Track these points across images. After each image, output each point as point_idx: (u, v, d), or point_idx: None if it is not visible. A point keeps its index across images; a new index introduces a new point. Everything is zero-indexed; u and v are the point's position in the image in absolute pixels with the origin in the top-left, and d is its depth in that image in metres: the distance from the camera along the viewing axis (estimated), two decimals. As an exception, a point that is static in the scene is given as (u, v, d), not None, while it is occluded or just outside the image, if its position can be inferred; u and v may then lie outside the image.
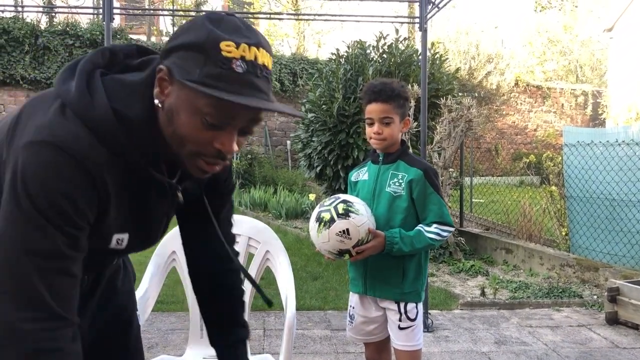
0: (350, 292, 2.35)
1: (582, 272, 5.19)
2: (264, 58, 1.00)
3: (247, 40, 0.99)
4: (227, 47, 0.97)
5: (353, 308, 2.33)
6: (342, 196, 2.19)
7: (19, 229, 0.94)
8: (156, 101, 1.03)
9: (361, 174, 2.34)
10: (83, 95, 1.02)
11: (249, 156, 11.70)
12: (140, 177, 1.09)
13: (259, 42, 1.01)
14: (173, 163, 1.12)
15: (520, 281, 5.27)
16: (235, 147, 1.04)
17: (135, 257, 1.56)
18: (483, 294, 4.84)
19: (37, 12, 12.65)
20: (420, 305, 2.24)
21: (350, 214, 2.08)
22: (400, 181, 2.18)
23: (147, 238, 1.23)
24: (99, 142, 1.00)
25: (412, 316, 2.19)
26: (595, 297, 4.76)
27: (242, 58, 0.97)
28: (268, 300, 1.44)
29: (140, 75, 1.07)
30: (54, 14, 12.83)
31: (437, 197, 2.17)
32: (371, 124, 2.20)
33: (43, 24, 12.58)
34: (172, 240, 2.16)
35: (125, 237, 1.14)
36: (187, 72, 0.98)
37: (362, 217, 2.09)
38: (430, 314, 4.12)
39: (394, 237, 2.11)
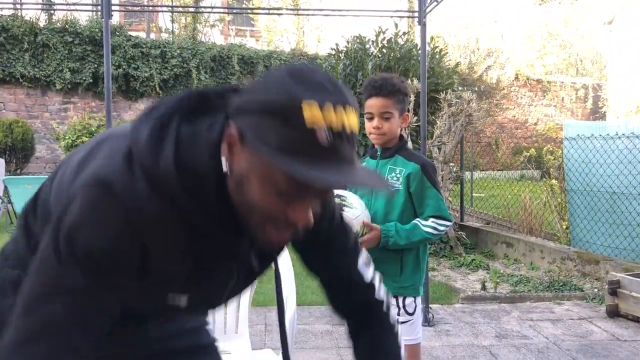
0: (350, 287, 2.35)
1: (582, 265, 5.19)
2: (351, 121, 0.87)
3: (332, 98, 0.86)
4: (312, 115, 0.83)
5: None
6: (336, 191, 2.19)
7: (49, 266, 0.91)
8: (224, 165, 0.92)
9: None
10: (151, 149, 0.91)
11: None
12: (207, 238, 1.00)
13: (346, 100, 0.87)
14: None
15: (521, 275, 5.28)
16: (311, 217, 0.94)
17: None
18: (484, 288, 4.85)
19: (36, 9, 12.64)
20: (419, 300, 2.25)
21: (344, 208, 2.08)
22: (398, 175, 2.18)
23: (207, 300, 1.14)
24: (161, 200, 0.92)
25: (410, 310, 2.20)
26: (596, 290, 4.76)
27: (329, 128, 0.84)
28: None
29: (216, 128, 0.95)
30: (52, 12, 12.81)
31: (434, 191, 2.17)
32: (371, 119, 2.20)
33: (42, 21, 12.57)
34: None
35: (182, 296, 1.05)
36: (262, 136, 0.85)
37: (356, 211, 2.09)
38: (431, 308, 4.13)
39: (389, 230, 2.12)
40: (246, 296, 2.27)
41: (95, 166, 0.94)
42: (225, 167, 0.92)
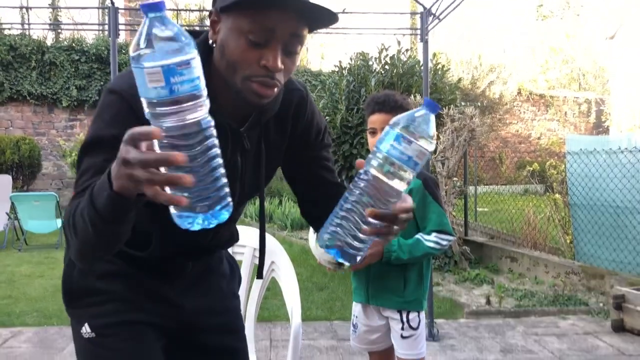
0: (354, 302, 2.38)
1: (587, 279, 5.19)
2: None
3: None
4: None
5: (356, 317, 2.35)
6: None
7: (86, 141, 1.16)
8: (210, 41, 1.15)
9: None
10: None
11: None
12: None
13: None
14: (241, 116, 1.23)
15: (525, 289, 5.28)
16: (280, 64, 1.09)
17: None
18: (488, 302, 4.85)
19: (44, 29, 12.80)
20: (423, 314, 2.27)
21: None
22: None
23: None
24: None
25: (414, 325, 2.21)
26: (601, 304, 4.76)
27: None
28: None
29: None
30: (60, 31, 12.98)
31: (436, 206, 2.20)
32: (374, 134, 2.24)
33: (49, 40, 12.73)
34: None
35: None
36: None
37: None
38: (436, 323, 4.14)
39: (391, 245, 2.14)
40: (252, 312, 2.29)
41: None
42: (211, 42, 1.14)
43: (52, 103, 12.26)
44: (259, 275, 1.70)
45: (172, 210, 0.92)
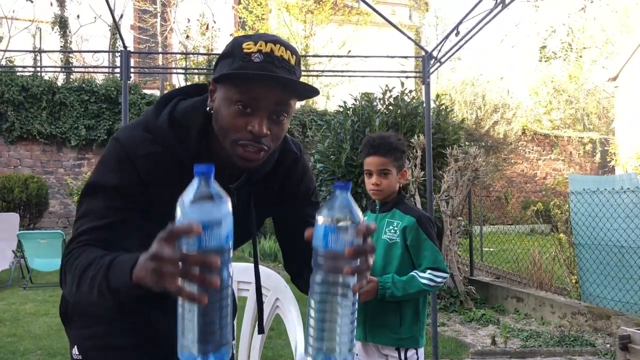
0: (354, 339, 2.39)
1: (594, 320, 5.15)
2: (281, 52, 1.19)
3: (265, 39, 1.20)
4: (247, 46, 1.19)
5: (356, 355, 2.37)
6: None
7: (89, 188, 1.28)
8: (208, 108, 1.28)
9: None
10: (154, 112, 1.33)
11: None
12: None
13: (277, 40, 1.21)
14: (235, 175, 1.34)
15: (531, 330, 5.23)
16: (265, 130, 1.20)
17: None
18: (494, 342, 4.81)
19: (55, 72, 13.09)
20: (422, 351, 2.28)
21: None
22: (395, 228, 2.26)
23: None
24: (154, 142, 1.28)
25: (412, 362, 2.23)
26: (608, 345, 4.71)
27: (259, 51, 1.18)
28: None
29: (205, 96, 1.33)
30: (71, 72, 13.28)
31: (430, 243, 2.24)
32: (370, 175, 2.30)
33: (60, 81, 13.01)
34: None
35: None
36: (221, 70, 1.22)
37: None
38: (440, 363, 4.11)
39: (386, 282, 2.18)
40: (256, 351, 2.30)
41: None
42: (209, 109, 1.27)
43: (61, 142, 12.46)
44: (260, 330, 1.71)
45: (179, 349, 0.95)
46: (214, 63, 1.43)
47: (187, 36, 15.81)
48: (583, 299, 5.79)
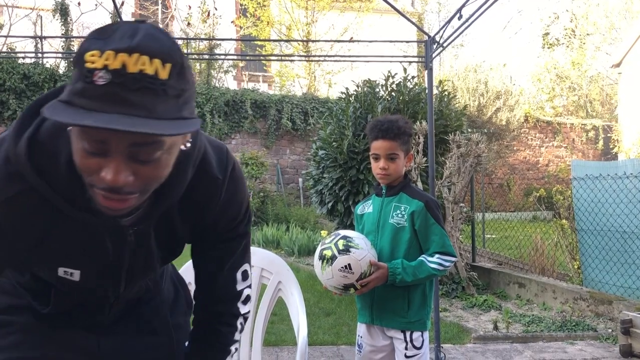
0: (358, 322, 2.40)
1: (595, 305, 5.16)
2: (141, 65, 0.83)
3: (116, 46, 0.83)
4: (91, 58, 0.83)
5: (361, 337, 2.38)
6: (342, 232, 2.28)
7: None
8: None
9: (366, 207, 2.42)
10: (15, 130, 1.00)
11: (262, 194, 11.83)
12: (76, 221, 1.04)
13: (134, 47, 0.83)
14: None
15: (533, 315, 5.25)
16: (123, 178, 0.90)
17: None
18: (496, 328, 4.83)
19: (56, 57, 13.06)
20: (426, 334, 2.29)
21: (351, 249, 2.16)
22: (403, 213, 2.25)
23: (109, 275, 1.17)
24: (14, 179, 0.98)
25: (417, 345, 2.23)
26: (609, 330, 4.73)
27: (105, 67, 0.82)
28: None
29: None
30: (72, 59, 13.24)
31: (438, 227, 2.24)
32: (377, 159, 2.29)
33: (62, 68, 12.98)
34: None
35: (75, 272, 1.10)
36: (65, 94, 0.88)
37: (363, 251, 2.17)
38: (442, 347, 4.12)
39: (396, 268, 2.18)
40: (259, 335, 2.30)
41: None
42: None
43: (63, 130, 12.45)
44: None
45: None
46: (215, 50, 1.22)
47: (189, 23, 15.73)
48: (585, 284, 5.81)
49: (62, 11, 14.47)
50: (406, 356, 2.23)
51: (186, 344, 1.41)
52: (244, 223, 1.30)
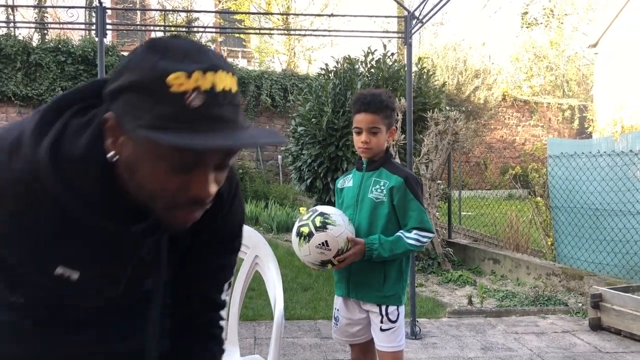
0: (335, 295, 2.43)
1: (567, 280, 5.29)
2: (224, 82, 0.87)
3: (199, 65, 0.85)
4: (177, 80, 0.83)
5: (337, 310, 2.41)
6: (320, 208, 2.28)
7: None
8: (109, 155, 0.92)
9: (346, 181, 2.43)
10: (33, 134, 0.94)
11: (240, 171, 11.79)
12: (89, 227, 0.99)
13: (215, 64, 0.86)
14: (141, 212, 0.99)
15: (507, 290, 5.36)
16: (213, 189, 0.93)
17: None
18: (470, 302, 4.92)
19: (29, 27, 12.74)
20: (402, 308, 2.32)
21: (328, 226, 2.17)
22: (382, 188, 2.26)
23: (110, 280, 1.10)
24: (32, 182, 0.93)
25: (393, 318, 2.27)
26: (580, 304, 4.85)
27: (197, 89, 0.83)
28: None
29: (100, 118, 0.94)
30: (46, 31, 12.92)
31: (417, 203, 2.25)
32: (359, 133, 2.28)
33: (35, 40, 12.67)
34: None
35: (74, 273, 1.04)
36: (136, 117, 0.84)
37: (340, 228, 2.18)
38: (418, 322, 4.20)
39: (373, 244, 2.20)
40: (235, 309, 2.31)
41: None
42: (110, 155, 0.92)
43: (38, 104, 12.19)
44: None
45: None
46: (193, 23, 1.07)
47: (166, -4, 15.45)
48: (558, 260, 5.93)
49: (35, -20, 14.06)
50: (382, 329, 2.27)
51: None
52: (239, 239, 1.28)
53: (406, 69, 4.29)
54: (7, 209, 0.96)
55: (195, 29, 13.36)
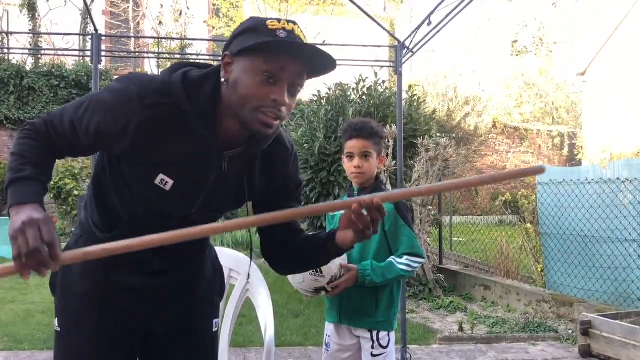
0: (327, 322, 2.44)
1: (557, 307, 5.30)
2: (299, 32, 1.32)
3: (285, 20, 1.34)
4: (272, 23, 1.31)
5: (329, 337, 2.42)
6: None
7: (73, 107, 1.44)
8: (222, 79, 1.35)
9: None
10: (169, 71, 1.40)
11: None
12: (192, 134, 1.37)
13: (294, 22, 1.34)
14: (234, 146, 1.41)
15: (497, 317, 5.37)
16: (287, 100, 1.32)
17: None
18: (461, 329, 4.92)
19: (24, 54, 12.80)
20: (393, 334, 2.33)
21: None
22: None
23: (186, 194, 1.44)
24: (164, 94, 1.35)
25: (384, 343, 2.28)
26: (570, 331, 4.86)
27: (283, 28, 1.30)
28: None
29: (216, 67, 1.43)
30: (40, 56, 13.00)
31: (407, 229, 2.29)
32: (351, 158, 2.34)
33: (29, 65, 12.73)
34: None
35: (169, 181, 1.41)
36: (244, 44, 1.30)
37: None
38: (408, 348, 4.19)
39: (365, 270, 2.23)
40: (226, 335, 2.31)
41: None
42: (222, 80, 1.35)
43: (30, 128, 12.19)
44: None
45: None
46: (187, 50, 1.49)
47: (160, 22, 15.60)
48: (548, 287, 5.95)
49: (30, 6, 14.19)
50: (372, 355, 2.28)
51: (215, 322, 1.72)
52: (301, 191, 1.64)
53: (397, 96, 4.35)
54: (142, 117, 1.34)
55: (188, 56, 13.46)
